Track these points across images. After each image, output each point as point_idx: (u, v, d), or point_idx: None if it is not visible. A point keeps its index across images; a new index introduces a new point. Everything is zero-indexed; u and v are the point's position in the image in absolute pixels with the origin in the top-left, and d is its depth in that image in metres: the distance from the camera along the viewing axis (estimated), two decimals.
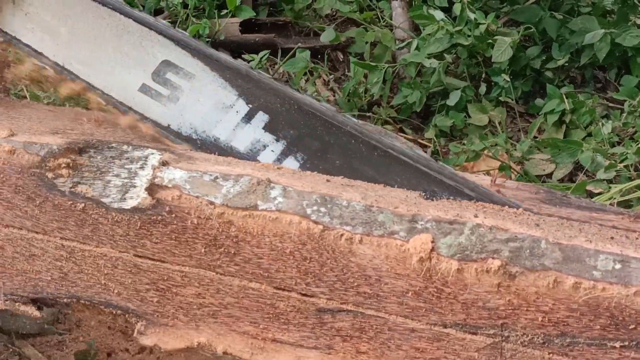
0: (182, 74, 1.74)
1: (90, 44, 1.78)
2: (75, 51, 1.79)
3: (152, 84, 1.75)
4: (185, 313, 1.58)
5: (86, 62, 1.79)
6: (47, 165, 1.62)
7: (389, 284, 1.43)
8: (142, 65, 1.75)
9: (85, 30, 1.77)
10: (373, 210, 1.46)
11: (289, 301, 1.50)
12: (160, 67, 1.75)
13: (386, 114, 3.32)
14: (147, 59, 1.75)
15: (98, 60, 1.78)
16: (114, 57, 1.77)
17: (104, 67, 1.78)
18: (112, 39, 1.76)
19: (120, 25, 1.75)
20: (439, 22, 3.28)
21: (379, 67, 3.33)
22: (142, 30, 1.75)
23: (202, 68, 1.73)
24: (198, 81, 1.73)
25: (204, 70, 1.73)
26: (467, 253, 1.39)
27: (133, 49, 1.76)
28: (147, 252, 1.58)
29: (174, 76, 1.74)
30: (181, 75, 1.74)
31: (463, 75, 3.37)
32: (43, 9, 1.78)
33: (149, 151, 1.62)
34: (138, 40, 1.75)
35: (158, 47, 1.74)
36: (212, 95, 1.72)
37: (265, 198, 1.50)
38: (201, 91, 1.73)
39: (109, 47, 1.77)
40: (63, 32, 1.78)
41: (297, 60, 3.42)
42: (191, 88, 1.73)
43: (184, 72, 1.73)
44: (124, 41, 1.76)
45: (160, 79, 1.75)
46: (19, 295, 1.71)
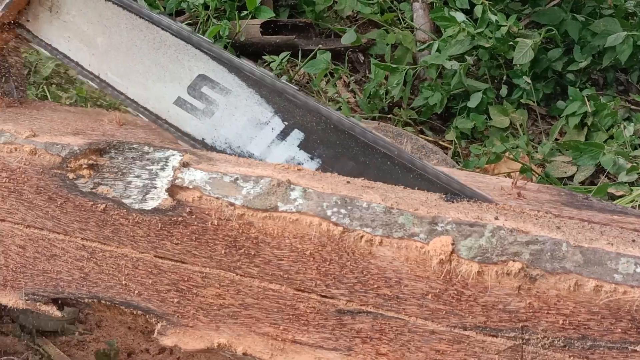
0: (218, 88, 1.73)
1: (126, 55, 1.78)
2: (111, 62, 1.79)
3: (188, 97, 1.75)
4: (206, 314, 1.58)
5: (122, 74, 1.78)
6: (68, 165, 1.63)
7: (408, 286, 1.43)
8: (178, 79, 1.75)
9: (122, 42, 1.77)
10: (393, 212, 1.45)
11: (308, 302, 1.50)
12: (196, 81, 1.74)
13: (407, 116, 3.32)
14: (183, 72, 1.75)
15: (134, 72, 1.78)
16: (150, 70, 1.77)
17: (139, 79, 1.77)
18: (149, 51, 1.76)
19: (157, 38, 1.75)
20: (460, 24, 3.28)
21: (399, 69, 3.33)
22: (178, 43, 1.74)
23: (238, 84, 1.72)
24: (234, 97, 1.73)
25: (240, 86, 1.72)
26: (487, 255, 1.38)
27: (169, 62, 1.75)
28: (168, 253, 1.58)
29: (209, 90, 1.74)
30: (217, 90, 1.73)
31: (484, 77, 3.37)
32: (80, 19, 1.77)
33: (170, 152, 1.63)
34: (175, 54, 1.75)
35: (194, 61, 1.74)
36: (247, 111, 1.72)
37: (285, 199, 1.50)
38: (237, 107, 1.72)
39: (145, 59, 1.77)
40: (100, 43, 1.78)
41: (318, 61, 3.42)
42: (227, 103, 1.73)
43: (220, 87, 1.73)
44: (160, 54, 1.76)
45: (196, 92, 1.74)
46: (40, 294, 1.72)
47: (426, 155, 2.98)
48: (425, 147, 3.09)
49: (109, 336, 2.41)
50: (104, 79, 1.79)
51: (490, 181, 1.69)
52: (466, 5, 3.48)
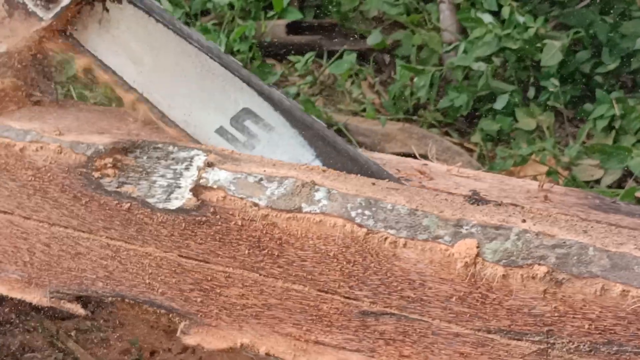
0: (261, 124, 1.72)
1: (172, 78, 1.77)
2: (157, 82, 1.78)
3: (230, 128, 1.74)
4: (229, 313, 1.58)
5: (166, 95, 1.78)
6: (94, 164, 1.63)
7: (432, 289, 1.42)
8: (222, 109, 1.74)
9: (169, 64, 1.76)
10: (418, 214, 1.45)
11: (332, 304, 1.49)
12: (240, 114, 1.73)
13: (432, 118, 3.31)
14: (228, 103, 1.74)
15: (179, 96, 1.77)
16: (195, 96, 1.76)
17: (183, 103, 1.77)
18: (195, 77, 1.75)
19: (206, 66, 1.74)
20: (487, 25, 3.26)
21: (425, 70, 3.32)
22: (226, 74, 1.73)
23: (282, 122, 1.71)
24: (277, 134, 1.72)
25: (284, 125, 1.71)
26: (512, 259, 1.37)
27: (215, 91, 1.74)
28: (192, 252, 1.58)
29: (252, 125, 1.73)
30: (260, 125, 1.72)
31: (511, 79, 3.35)
32: (129, 35, 1.77)
33: (195, 152, 1.63)
34: (221, 84, 1.74)
35: (240, 94, 1.73)
36: (289, 151, 1.71)
37: (309, 200, 1.50)
38: (278, 144, 1.72)
39: (192, 84, 1.76)
40: (147, 62, 1.77)
41: (343, 62, 3.42)
42: (269, 139, 1.72)
43: (264, 122, 1.72)
44: (207, 82, 1.74)
45: (239, 125, 1.73)
46: (64, 292, 1.72)
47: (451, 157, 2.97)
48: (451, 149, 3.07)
49: (131, 335, 2.42)
50: (148, 97, 1.78)
51: (516, 184, 1.68)
52: (494, 6, 3.46)
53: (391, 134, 3.12)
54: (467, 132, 3.31)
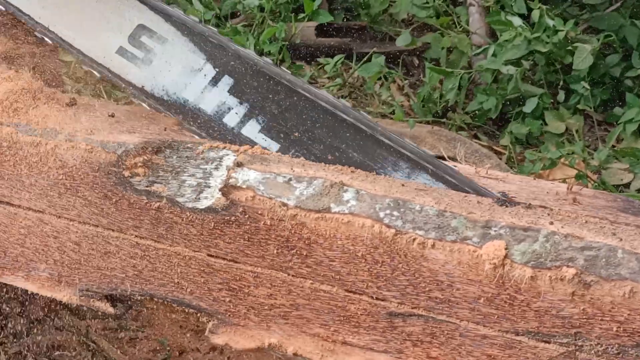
0: (155, 37, 1.82)
1: (72, 6, 1.87)
2: (59, 14, 1.88)
3: (129, 46, 1.84)
4: (257, 313, 1.59)
5: (69, 25, 1.88)
6: (124, 163, 1.65)
7: (460, 290, 1.42)
8: (119, 29, 1.84)
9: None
10: (446, 215, 1.45)
11: (360, 304, 1.50)
12: (136, 31, 1.83)
13: (461, 120, 3.30)
14: (124, 22, 1.84)
15: (79, 24, 1.87)
16: (94, 21, 1.86)
17: (85, 30, 1.87)
18: (93, 2, 1.86)
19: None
20: (517, 28, 3.25)
21: (454, 73, 3.31)
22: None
23: (174, 32, 1.81)
24: (170, 45, 1.81)
25: (175, 35, 1.81)
26: (541, 261, 1.37)
27: (111, 13, 1.84)
28: (220, 252, 1.59)
29: (148, 40, 1.82)
30: (155, 39, 1.82)
31: (540, 82, 3.34)
32: None
33: (224, 152, 1.64)
34: (116, 4, 1.84)
35: (135, 12, 1.83)
36: (182, 59, 1.80)
37: (338, 201, 1.50)
38: (172, 55, 1.81)
39: (90, 10, 1.86)
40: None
41: (372, 65, 3.42)
42: (163, 52, 1.81)
43: (158, 36, 1.82)
44: (103, 5, 1.85)
45: (136, 42, 1.83)
46: (93, 291, 1.74)
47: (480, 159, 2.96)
48: (479, 152, 3.06)
49: (160, 334, 2.43)
50: (54, 30, 1.89)
51: (545, 186, 1.67)
52: (523, 9, 3.45)
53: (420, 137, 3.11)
54: (496, 135, 3.30)
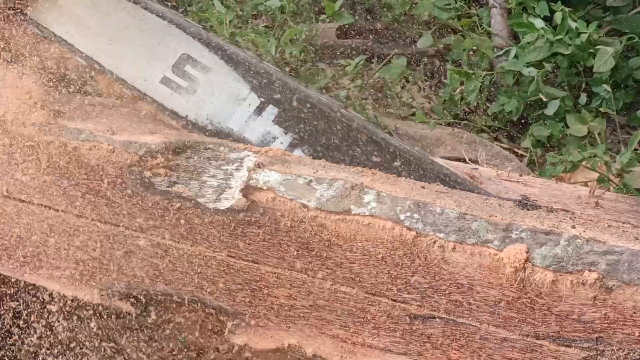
0: (199, 67, 1.81)
1: (116, 37, 1.87)
2: (103, 44, 1.88)
3: (173, 76, 1.83)
4: (277, 314, 1.59)
5: (113, 55, 1.87)
6: (146, 164, 1.65)
7: (481, 293, 1.41)
8: (163, 59, 1.84)
9: (112, 24, 1.87)
10: (467, 218, 1.44)
11: (379, 306, 1.49)
12: (179, 60, 1.83)
13: (482, 122, 3.29)
14: (168, 52, 1.83)
15: (123, 54, 1.87)
16: (138, 51, 1.85)
17: (128, 60, 1.87)
18: (137, 33, 1.85)
19: (144, 20, 1.84)
20: (539, 30, 3.23)
21: (476, 75, 3.30)
22: (164, 25, 1.83)
23: (217, 62, 1.81)
24: (214, 74, 1.81)
25: (219, 64, 1.80)
26: (562, 264, 1.36)
27: (155, 43, 1.84)
28: (241, 252, 1.59)
29: (191, 69, 1.82)
30: (199, 68, 1.82)
31: (562, 84, 3.32)
32: (74, 3, 1.89)
33: (245, 153, 1.64)
34: (161, 35, 1.83)
35: (178, 42, 1.83)
36: (226, 88, 1.80)
37: (358, 203, 1.50)
38: (216, 84, 1.81)
39: (134, 40, 1.86)
40: (92, 26, 1.88)
41: (393, 66, 3.41)
42: (207, 81, 1.81)
43: (202, 65, 1.81)
44: (147, 35, 1.84)
45: (180, 71, 1.83)
46: (114, 290, 1.74)
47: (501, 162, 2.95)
48: (500, 154, 3.05)
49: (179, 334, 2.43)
50: (97, 59, 1.89)
51: (567, 189, 1.67)
52: (546, 11, 3.43)
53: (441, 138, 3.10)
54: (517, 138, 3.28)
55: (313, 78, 3.42)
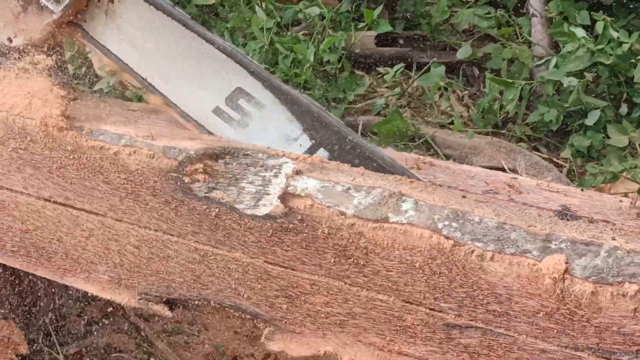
0: (253, 102, 1.82)
1: (171, 62, 1.89)
2: (158, 67, 1.91)
3: (225, 107, 1.84)
4: (313, 321, 1.59)
5: (166, 79, 1.90)
6: (185, 169, 1.66)
7: (519, 303, 1.40)
8: (218, 89, 1.85)
9: (168, 49, 1.89)
10: (506, 228, 1.43)
11: (416, 315, 1.49)
12: (233, 94, 1.84)
13: (521, 132, 3.27)
14: (222, 83, 1.85)
15: (178, 79, 1.89)
16: (192, 78, 1.87)
17: (183, 86, 1.88)
18: (193, 60, 1.87)
19: (202, 49, 1.86)
20: (580, 40, 3.21)
21: (515, 84, 3.28)
22: (221, 56, 1.84)
23: (272, 100, 1.81)
24: (268, 111, 1.81)
25: (274, 102, 1.80)
26: (602, 276, 1.35)
27: (210, 73, 1.86)
28: (278, 259, 1.59)
29: (245, 103, 1.83)
30: (252, 103, 1.82)
31: (603, 94, 3.29)
32: (131, 24, 1.91)
33: (283, 160, 1.64)
34: (216, 66, 1.85)
35: (233, 75, 1.84)
36: (279, 127, 1.80)
37: (396, 211, 1.50)
38: (269, 121, 1.81)
39: (189, 67, 1.87)
40: (148, 47, 1.90)
41: (432, 75, 3.41)
42: (260, 117, 1.81)
43: (256, 101, 1.82)
44: (203, 64, 1.86)
45: (233, 104, 1.84)
46: (152, 294, 1.75)
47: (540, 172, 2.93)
48: (539, 164, 3.03)
49: (215, 339, 2.44)
50: (151, 81, 1.91)
51: (608, 200, 1.65)
52: (587, 21, 3.41)
53: (479, 147, 3.09)
54: (556, 148, 3.27)
55: (351, 86, 3.42)
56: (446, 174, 1.77)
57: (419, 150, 3.08)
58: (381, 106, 3.39)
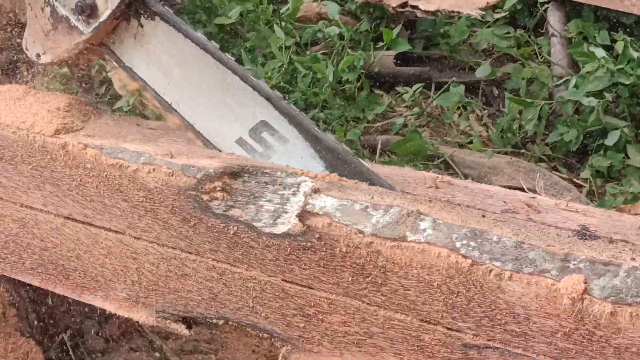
0: (276, 136, 1.84)
1: (198, 90, 1.91)
2: (184, 93, 1.93)
3: (249, 139, 1.86)
4: (330, 340, 1.59)
5: (192, 106, 1.92)
6: (203, 187, 1.67)
7: (537, 323, 1.39)
8: (242, 121, 1.87)
9: (195, 77, 1.91)
10: (524, 247, 1.43)
11: (434, 334, 1.48)
12: (257, 126, 1.85)
13: (540, 152, 3.26)
14: (247, 115, 1.86)
15: (203, 107, 1.91)
16: (217, 107, 1.89)
17: (207, 114, 1.90)
18: (218, 90, 1.89)
19: (228, 80, 1.88)
20: (600, 60, 3.20)
21: (534, 104, 3.28)
22: (246, 88, 1.86)
23: (296, 135, 1.83)
24: (291, 146, 1.83)
25: (297, 138, 1.83)
26: (621, 296, 1.34)
27: (235, 104, 1.87)
28: (296, 277, 1.59)
29: (269, 136, 1.84)
30: (276, 137, 1.84)
31: (623, 114, 3.28)
32: (161, 49, 1.93)
33: (302, 178, 1.65)
34: (241, 97, 1.87)
35: (258, 107, 1.85)
36: (300, 162, 1.81)
37: (414, 229, 1.50)
38: (292, 156, 1.82)
39: (215, 97, 1.89)
40: (175, 74, 1.93)
41: (451, 94, 3.40)
42: (283, 151, 1.83)
43: (279, 135, 1.84)
44: (228, 95, 1.88)
45: (257, 136, 1.86)
46: (170, 312, 1.76)
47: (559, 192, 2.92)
48: (559, 184, 3.02)
49: (233, 357, 2.44)
50: (176, 107, 1.93)
51: (627, 220, 1.64)
52: (607, 41, 3.41)
53: (498, 167, 3.08)
54: (576, 168, 3.25)
55: (370, 105, 3.42)
56: (464, 193, 1.76)
57: (437, 170, 3.08)
58: (400, 125, 3.39)
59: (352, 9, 3.82)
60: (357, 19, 3.79)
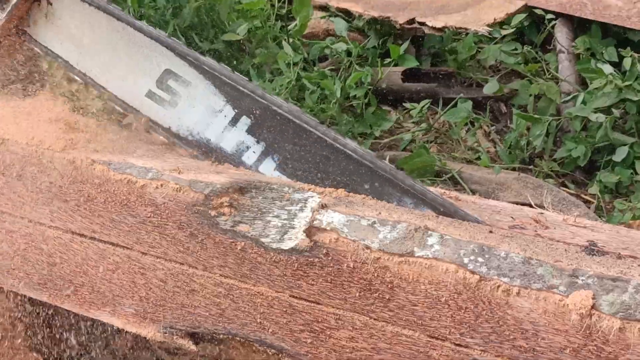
0: (180, 81, 1.93)
1: (105, 53, 2.00)
2: (94, 59, 2.02)
3: (157, 90, 1.96)
4: (338, 356, 1.58)
5: (103, 69, 2.01)
6: (211, 203, 1.67)
7: (546, 339, 1.39)
8: (148, 73, 1.96)
9: (103, 41, 2.00)
10: (532, 263, 1.43)
11: (442, 350, 1.48)
12: (163, 75, 1.95)
13: (548, 168, 3.26)
14: (152, 67, 1.95)
15: (112, 68, 2.00)
16: (125, 66, 1.98)
17: (117, 74, 1.99)
18: (124, 49, 1.98)
19: (132, 38, 1.97)
20: (608, 76, 3.20)
21: (542, 120, 3.27)
22: (149, 42, 1.95)
23: (197, 76, 1.92)
24: (193, 88, 1.92)
25: (198, 78, 1.92)
26: (630, 312, 1.33)
27: (142, 59, 1.96)
28: (303, 293, 1.59)
29: (174, 83, 1.94)
30: (180, 82, 1.93)
31: (631, 130, 3.28)
32: (70, 22, 2.02)
33: (309, 194, 1.65)
34: (146, 51, 1.96)
35: (162, 58, 1.95)
36: (204, 101, 1.90)
37: (422, 245, 1.50)
38: (196, 97, 1.92)
39: (122, 56, 1.98)
40: (85, 42, 2.02)
41: (459, 110, 3.40)
42: (188, 94, 1.92)
43: (182, 79, 1.93)
44: (134, 51, 1.97)
45: (163, 85, 1.95)
46: (177, 328, 1.75)
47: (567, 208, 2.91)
48: (567, 200, 3.01)
49: None
50: (90, 75, 2.03)
51: (636, 236, 1.64)
52: (614, 57, 3.41)
53: (506, 183, 3.08)
54: (584, 183, 3.25)
55: (378, 121, 3.42)
56: (472, 208, 1.76)
57: (445, 186, 3.07)
58: (408, 141, 3.39)
59: (360, 26, 3.82)
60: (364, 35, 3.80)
